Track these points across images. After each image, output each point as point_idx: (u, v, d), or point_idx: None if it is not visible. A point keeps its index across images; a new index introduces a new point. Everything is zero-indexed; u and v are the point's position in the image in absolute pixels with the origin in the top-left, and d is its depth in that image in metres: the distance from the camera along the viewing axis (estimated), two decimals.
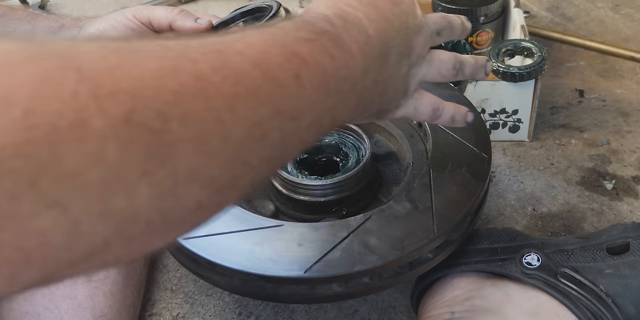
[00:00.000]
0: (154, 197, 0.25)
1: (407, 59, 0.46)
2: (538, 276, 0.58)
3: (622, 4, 1.16)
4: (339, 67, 0.37)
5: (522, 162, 0.85)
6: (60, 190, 0.23)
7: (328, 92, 0.35)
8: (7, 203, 0.22)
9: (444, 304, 0.60)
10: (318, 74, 0.34)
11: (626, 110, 0.92)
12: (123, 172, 0.24)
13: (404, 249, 0.54)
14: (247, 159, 0.30)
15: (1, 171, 0.21)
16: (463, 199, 0.58)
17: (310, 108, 0.34)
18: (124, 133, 0.24)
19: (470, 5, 0.93)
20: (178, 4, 1.23)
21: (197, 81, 0.27)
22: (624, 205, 0.78)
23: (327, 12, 0.40)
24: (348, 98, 0.38)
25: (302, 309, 0.68)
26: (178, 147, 0.26)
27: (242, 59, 0.30)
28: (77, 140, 0.23)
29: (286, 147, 0.33)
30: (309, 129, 0.34)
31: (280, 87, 0.32)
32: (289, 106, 0.32)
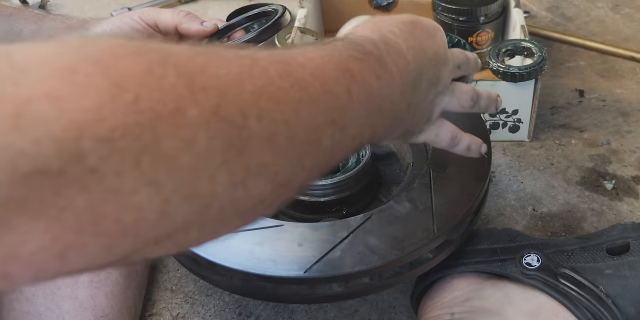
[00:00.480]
0: (230, 185, 0.28)
1: (435, 87, 0.49)
2: (538, 277, 0.58)
3: (622, 4, 1.16)
4: (382, 87, 0.40)
5: (522, 162, 0.85)
6: (158, 170, 0.25)
7: (371, 108, 0.39)
8: (113, 178, 0.24)
9: (444, 305, 0.60)
10: (365, 91, 0.38)
11: (626, 110, 0.92)
12: (208, 159, 0.27)
13: (404, 249, 0.54)
14: (303, 161, 0.33)
15: (112, 149, 0.24)
16: (463, 199, 0.58)
17: (356, 121, 0.37)
18: (212, 124, 0.27)
19: (470, 5, 0.93)
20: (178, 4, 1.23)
21: (269, 85, 0.31)
22: (624, 205, 0.78)
23: (372, 36, 0.43)
24: (386, 116, 0.41)
25: (302, 309, 0.68)
26: (253, 142, 0.29)
27: (304, 70, 0.34)
28: (175, 126, 0.25)
29: (333, 155, 0.36)
30: (353, 140, 0.37)
31: (335, 99, 0.35)
32: (340, 116, 0.35)
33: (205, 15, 0.68)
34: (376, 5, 1.06)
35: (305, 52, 0.36)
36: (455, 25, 0.94)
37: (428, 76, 0.47)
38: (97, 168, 0.24)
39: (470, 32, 0.94)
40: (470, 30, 0.94)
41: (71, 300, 0.60)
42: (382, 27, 0.45)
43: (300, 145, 0.32)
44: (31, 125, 0.22)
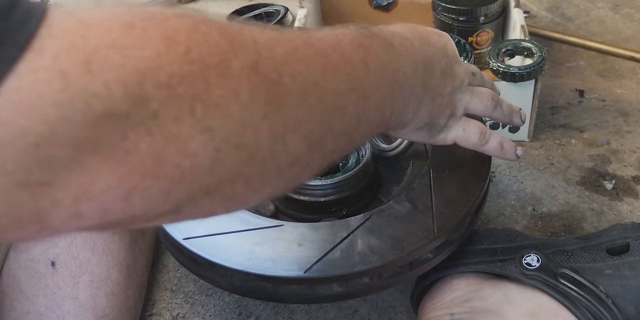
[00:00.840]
0: (271, 138, 0.30)
1: (451, 79, 0.50)
2: (538, 277, 0.58)
3: (622, 4, 1.16)
4: (393, 60, 0.42)
5: (522, 162, 0.85)
6: (210, 118, 0.27)
7: (387, 80, 0.41)
8: (172, 124, 0.26)
9: (444, 305, 0.60)
10: (379, 63, 0.40)
11: (626, 110, 0.92)
12: (252, 110, 0.29)
13: (404, 249, 0.54)
14: (332, 123, 0.35)
15: (171, 95, 0.26)
16: (463, 199, 0.58)
17: (376, 91, 0.39)
18: (252, 77, 0.29)
19: (470, 5, 0.93)
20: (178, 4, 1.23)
21: (297, 51, 0.33)
22: (624, 205, 0.78)
23: (374, 27, 0.45)
24: (403, 90, 0.43)
25: (302, 309, 0.68)
26: (289, 99, 0.31)
27: (323, 43, 0.36)
28: (222, 77, 0.28)
29: (360, 124, 0.38)
30: (376, 111, 0.40)
31: (354, 69, 0.37)
32: (361, 86, 0.37)
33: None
34: (376, 5, 1.06)
35: (321, 31, 0.39)
36: (455, 25, 0.94)
37: (440, 66, 0.49)
38: (158, 113, 0.26)
39: (470, 32, 0.94)
40: (470, 30, 0.94)
41: (72, 301, 0.61)
42: (384, 26, 0.47)
43: (330, 107, 0.35)
44: (101, 71, 0.24)
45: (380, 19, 1.06)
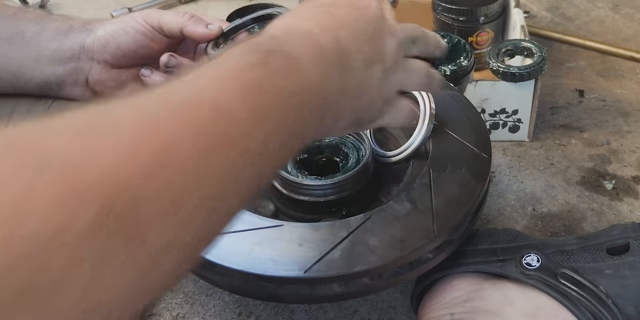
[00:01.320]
0: (132, 292, 0.27)
1: (380, 63, 0.45)
2: (538, 277, 0.58)
3: (622, 4, 1.16)
4: (293, 83, 0.37)
5: (522, 162, 0.85)
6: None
7: (289, 109, 0.36)
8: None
9: (444, 305, 0.60)
10: (276, 97, 0.35)
11: (626, 110, 0.92)
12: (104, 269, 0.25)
13: (404, 249, 0.54)
14: (225, 202, 0.31)
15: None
16: (463, 199, 0.58)
17: (277, 131, 0.35)
18: (102, 233, 0.25)
19: (470, 5, 0.93)
20: (178, 4, 1.23)
21: (165, 153, 0.28)
22: (624, 205, 0.78)
23: (275, 30, 0.41)
24: (312, 106, 0.38)
25: (302, 309, 0.68)
26: (151, 230, 0.27)
27: (202, 110, 0.31)
28: (60, 245, 0.23)
29: (262, 174, 0.34)
30: (283, 148, 0.36)
31: (244, 126, 0.33)
32: (254, 144, 0.33)
33: (205, 15, 0.67)
34: None
35: (201, 78, 0.34)
36: (455, 25, 0.94)
37: (362, 54, 0.43)
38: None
39: (470, 32, 0.94)
40: (470, 30, 0.94)
41: None
42: (295, 14, 0.44)
43: (214, 197, 0.30)
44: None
45: None
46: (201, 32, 0.63)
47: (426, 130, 0.62)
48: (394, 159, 0.65)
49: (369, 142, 0.65)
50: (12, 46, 0.61)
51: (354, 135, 0.66)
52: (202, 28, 0.63)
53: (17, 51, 0.61)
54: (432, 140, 0.63)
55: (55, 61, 0.62)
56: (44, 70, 0.62)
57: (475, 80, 0.83)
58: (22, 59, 0.61)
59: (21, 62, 0.61)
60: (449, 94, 0.68)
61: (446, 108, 0.66)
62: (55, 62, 0.62)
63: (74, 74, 0.63)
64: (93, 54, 0.62)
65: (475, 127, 0.65)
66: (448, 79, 0.80)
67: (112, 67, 0.63)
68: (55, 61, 0.62)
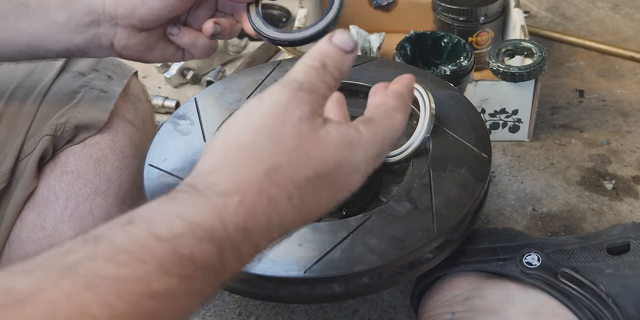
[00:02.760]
0: None
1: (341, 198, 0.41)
2: (538, 276, 0.58)
3: (622, 4, 1.16)
4: (207, 296, 0.35)
5: (522, 162, 0.85)
6: None
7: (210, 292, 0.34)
8: None
9: (444, 303, 0.60)
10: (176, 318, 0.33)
11: (626, 110, 0.92)
12: None
13: (404, 249, 0.54)
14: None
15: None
16: (463, 199, 0.58)
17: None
18: None
19: (470, 5, 0.93)
20: None
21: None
22: (624, 205, 0.78)
23: (229, 221, 0.35)
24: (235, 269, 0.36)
25: (302, 309, 0.68)
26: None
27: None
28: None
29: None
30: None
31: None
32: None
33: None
34: (376, 6, 1.06)
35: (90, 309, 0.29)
36: (455, 25, 0.94)
37: (317, 215, 0.40)
38: None
39: (470, 32, 0.94)
40: (470, 30, 0.94)
41: None
42: (266, 189, 0.36)
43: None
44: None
45: (380, 19, 1.06)
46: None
47: (426, 130, 0.62)
48: (394, 159, 0.65)
49: None
50: (19, 18, 0.57)
51: None
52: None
53: (25, 23, 0.57)
54: (432, 140, 0.63)
55: (70, 31, 0.58)
56: (60, 39, 0.58)
57: (475, 80, 0.83)
58: (34, 31, 0.57)
59: (34, 35, 0.58)
60: (449, 94, 0.68)
61: (446, 108, 0.66)
62: (70, 31, 0.58)
63: (96, 40, 0.58)
64: (117, 19, 0.57)
65: (475, 127, 0.64)
66: (448, 79, 0.80)
67: (140, 31, 0.58)
68: (71, 30, 0.58)
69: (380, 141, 0.40)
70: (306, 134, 0.38)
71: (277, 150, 0.37)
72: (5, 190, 0.60)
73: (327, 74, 0.39)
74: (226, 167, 0.37)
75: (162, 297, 0.31)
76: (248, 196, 0.36)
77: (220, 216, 0.35)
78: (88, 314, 0.28)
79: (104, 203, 0.63)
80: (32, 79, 0.66)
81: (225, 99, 0.69)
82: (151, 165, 0.63)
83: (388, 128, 0.41)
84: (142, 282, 0.30)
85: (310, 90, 0.38)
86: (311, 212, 0.39)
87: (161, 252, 0.32)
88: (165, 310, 0.31)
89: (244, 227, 0.35)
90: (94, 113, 0.65)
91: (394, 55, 0.86)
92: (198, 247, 0.33)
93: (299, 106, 0.38)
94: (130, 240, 0.32)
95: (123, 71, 0.72)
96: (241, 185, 0.36)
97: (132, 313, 0.30)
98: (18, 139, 0.62)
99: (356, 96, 0.71)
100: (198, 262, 0.33)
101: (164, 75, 1.03)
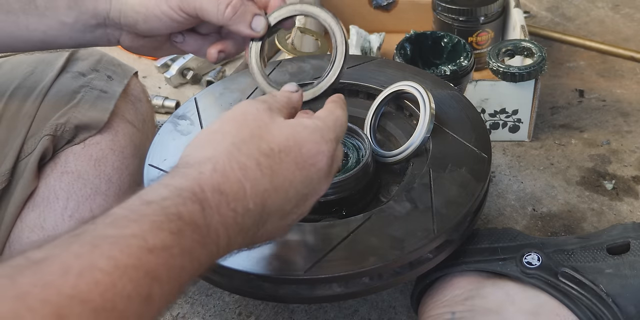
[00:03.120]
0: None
1: (301, 213, 0.46)
2: (538, 276, 0.58)
3: (622, 4, 1.16)
4: (199, 260, 0.38)
5: (522, 162, 0.85)
6: None
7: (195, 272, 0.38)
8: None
9: (445, 303, 0.60)
10: (173, 280, 0.36)
11: (626, 110, 0.92)
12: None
13: (404, 249, 0.54)
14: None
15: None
16: (463, 199, 0.58)
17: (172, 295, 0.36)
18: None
19: (470, 5, 0.93)
20: None
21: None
22: (624, 205, 0.78)
23: (205, 183, 0.40)
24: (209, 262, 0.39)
25: (302, 309, 0.68)
26: None
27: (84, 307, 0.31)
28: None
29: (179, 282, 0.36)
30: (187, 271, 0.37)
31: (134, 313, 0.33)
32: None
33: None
34: (376, 5, 1.06)
35: (93, 270, 0.33)
36: (455, 25, 0.94)
37: (283, 213, 0.44)
38: None
39: (470, 32, 0.94)
40: (470, 30, 0.94)
41: None
42: (235, 157, 0.42)
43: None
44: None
45: (380, 19, 1.06)
46: (246, 34, 0.58)
47: (426, 130, 0.62)
48: (394, 159, 0.65)
49: (369, 142, 0.65)
50: (29, 17, 0.58)
51: (354, 135, 0.66)
52: (246, 28, 0.58)
53: (35, 22, 0.59)
54: (432, 140, 0.63)
55: (79, 30, 0.59)
56: (71, 37, 0.60)
57: (475, 80, 0.83)
58: (45, 29, 0.58)
59: (45, 33, 0.59)
60: (449, 94, 0.68)
61: (446, 108, 0.66)
62: (79, 30, 0.59)
63: (104, 38, 0.60)
64: (121, 26, 0.59)
65: (475, 127, 0.64)
66: (448, 79, 0.80)
67: (143, 37, 0.60)
68: (80, 30, 0.59)
69: (332, 127, 0.48)
70: (264, 118, 0.45)
71: (241, 128, 0.44)
72: (6, 191, 0.60)
73: (277, 97, 0.49)
74: (199, 146, 0.43)
75: (158, 250, 0.35)
76: (219, 163, 0.41)
77: (197, 181, 0.40)
78: (96, 267, 0.32)
79: (104, 203, 0.63)
80: (32, 79, 0.66)
81: (225, 99, 0.69)
82: (151, 165, 0.63)
83: (335, 118, 0.49)
84: (139, 238, 0.35)
85: (264, 100, 0.48)
86: (284, 188, 0.43)
87: (152, 212, 0.36)
88: (163, 265, 0.35)
89: (219, 190, 0.40)
90: (94, 113, 0.65)
91: (394, 55, 0.86)
92: (184, 206, 0.38)
93: (255, 105, 0.46)
94: (125, 209, 0.37)
95: (123, 71, 0.72)
96: (213, 156, 0.42)
97: (134, 265, 0.33)
98: (18, 139, 0.62)
99: (356, 96, 0.71)
100: (185, 218, 0.37)
101: (164, 75, 1.03)
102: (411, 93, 0.64)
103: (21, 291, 0.30)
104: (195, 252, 0.37)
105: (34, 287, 0.31)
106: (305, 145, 0.45)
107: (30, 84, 0.66)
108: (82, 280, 0.32)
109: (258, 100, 0.47)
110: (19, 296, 0.30)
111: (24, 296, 0.30)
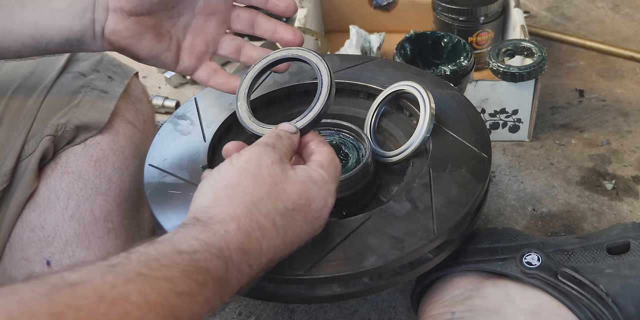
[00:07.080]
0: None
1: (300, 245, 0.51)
2: (538, 276, 0.58)
3: (622, 4, 1.16)
4: (213, 308, 0.42)
5: (522, 162, 0.85)
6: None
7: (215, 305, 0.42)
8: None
9: (445, 303, 0.60)
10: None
11: (626, 110, 0.92)
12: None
13: (404, 249, 0.54)
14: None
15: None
16: (463, 199, 0.58)
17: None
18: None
19: (470, 5, 0.93)
20: None
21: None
22: (624, 205, 0.78)
23: (232, 243, 0.44)
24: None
25: (302, 309, 0.68)
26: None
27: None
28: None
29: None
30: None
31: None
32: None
33: None
34: (376, 5, 1.06)
35: (130, 297, 0.36)
36: (455, 25, 0.94)
37: (292, 251, 0.50)
38: None
39: (470, 32, 0.94)
40: (470, 30, 0.94)
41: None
42: (255, 216, 0.46)
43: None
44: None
45: (380, 19, 1.06)
46: (287, 39, 0.62)
47: (426, 130, 0.62)
48: (394, 159, 0.65)
49: (369, 142, 0.65)
50: (24, 9, 0.59)
51: (354, 135, 0.66)
52: (235, 81, 0.62)
53: (30, 13, 0.59)
54: (432, 140, 0.63)
55: (70, 16, 0.59)
56: (61, 26, 0.59)
57: (475, 80, 0.83)
58: (37, 20, 0.59)
59: (37, 24, 0.59)
60: (449, 94, 0.68)
61: (446, 108, 0.66)
62: (71, 16, 0.59)
63: (91, 27, 0.60)
64: (108, 2, 0.59)
65: (475, 127, 0.64)
66: (448, 79, 0.80)
67: (128, 15, 0.59)
68: (71, 16, 0.59)
69: (334, 177, 0.52)
70: (278, 174, 0.49)
71: (258, 186, 0.48)
72: (6, 191, 0.60)
73: (283, 140, 0.52)
74: (220, 202, 0.47)
75: (184, 296, 0.38)
76: (242, 222, 0.45)
77: (224, 239, 0.44)
78: (128, 300, 0.35)
79: (105, 203, 0.63)
80: (33, 79, 0.66)
81: (225, 99, 0.70)
82: (151, 165, 0.63)
83: (335, 166, 0.53)
84: (169, 282, 0.38)
85: (274, 146, 0.51)
86: (292, 241, 0.49)
87: (183, 262, 0.40)
88: (185, 309, 0.38)
89: (243, 249, 0.44)
90: (94, 113, 0.65)
91: (394, 55, 0.86)
92: (211, 261, 0.42)
93: (269, 155, 0.50)
94: (158, 252, 0.40)
95: (124, 72, 0.72)
96: (235, 215, 0.46)
97: (162, 304, 0.36)
98: (19, 140, 0.62)
99: (356, 96, 0.71)
100: (212, 272, 0.41)
101: (164, 75, 1.03)
102: (411, 93, 0.64)
103: (56, 311, 0.32)
104: (214, 302, 0.41)
105: (68, 308, 0.33)
106: (314, 201, 0.50)
107: (31, 84, 0.66)
108: (114, 309, 0.34)
109: (268, 147, 0.50)
110: (54, 314, 0.32)
111: (58, 316, 0.32)
